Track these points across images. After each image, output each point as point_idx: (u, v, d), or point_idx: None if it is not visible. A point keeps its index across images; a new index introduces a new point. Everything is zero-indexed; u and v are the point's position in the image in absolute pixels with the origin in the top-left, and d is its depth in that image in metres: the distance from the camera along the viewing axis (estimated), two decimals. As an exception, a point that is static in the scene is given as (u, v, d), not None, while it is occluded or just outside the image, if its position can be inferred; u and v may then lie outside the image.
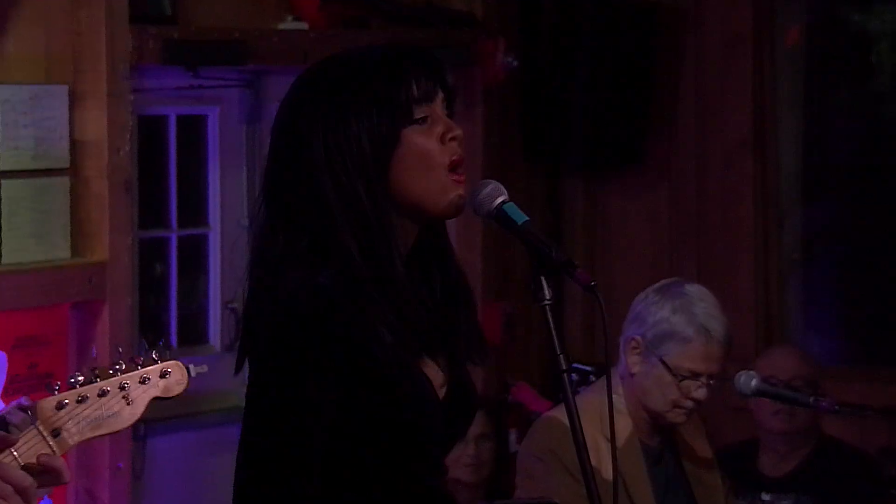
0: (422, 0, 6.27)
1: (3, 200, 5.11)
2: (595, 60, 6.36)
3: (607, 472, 3.59)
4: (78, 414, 2.49)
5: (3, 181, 5.12)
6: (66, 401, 2.48)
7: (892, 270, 6.55)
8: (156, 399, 2.52)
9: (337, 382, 2.85)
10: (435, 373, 2.97)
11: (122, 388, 2.51)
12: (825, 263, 6.70)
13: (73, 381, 2.48)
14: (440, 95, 2.95)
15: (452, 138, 2.94)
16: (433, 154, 2.92)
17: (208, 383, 5.68)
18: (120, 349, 5.03)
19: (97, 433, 2.50)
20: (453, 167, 2.94)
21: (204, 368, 3.59)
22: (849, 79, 6.65)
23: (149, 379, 2.54)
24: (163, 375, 2.55)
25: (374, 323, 2.86)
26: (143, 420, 5.61)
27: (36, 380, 5.07)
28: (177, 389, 2.56)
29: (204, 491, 4.06)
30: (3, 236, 5.12)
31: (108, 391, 2.51)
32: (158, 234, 5.87)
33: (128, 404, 2.52)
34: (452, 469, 5.57)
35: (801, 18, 6.60)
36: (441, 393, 2.97)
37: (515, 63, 6.34)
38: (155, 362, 2.54)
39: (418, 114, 2.92)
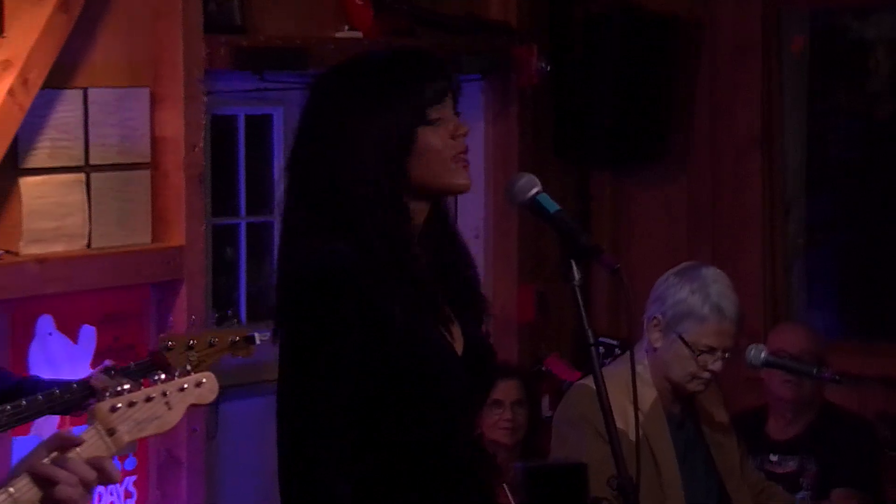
0: (463, 11, 6.27)
1: (92, 191, 5.13)
2: (619, 65, 6.35)
3: (632, 435, 3.58)
4: (129, 416, 2.53)
5: (92, 174, 5.14)
6: (119, 405, 2.52)
7: (887, 255, 6.54)
8: (192, 405, 2.58)
9: (358, 340, 2.85)
10: (453, 334, 2.97)
11: (164, 394, 2.57)
12: (826, 248, 6.70)
13: (121, 388, 2.53)
14: (446, 96, 2.97)
15: (461, 135, 2.98)
16: (444, 150, 2.95)
17: (273, 352, 5.69)
18: (193, 317, 5.08)
19: (144, 433, 2.56)
20: (459, 157, 2.97)
21: (267, 337, 3.65)
22: (848, 82, 6.63)
23: (186, 388, 2.59)
24: (198, 385, 2.60)
25: (390, 288, 2.87)
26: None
27: (120, 351, 5.10)
28: (210, 397, 2.62)
29: (269, 450, 4.09)
30: (92, 223, 5.13)
31: (153, 398, 2.56)
32: (229, 221, 5.89)
33: (169, 409, 2.57)
34: (491, 432, 5.59)
35: (804, 28, 6.59)
36: (458, 349, 2.97)
37: (547, 67, 6.34)
38: (189, 374, 2.59)
39: (432, 115, 2.95)
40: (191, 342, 3.78)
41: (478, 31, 6.22)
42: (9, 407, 3.81)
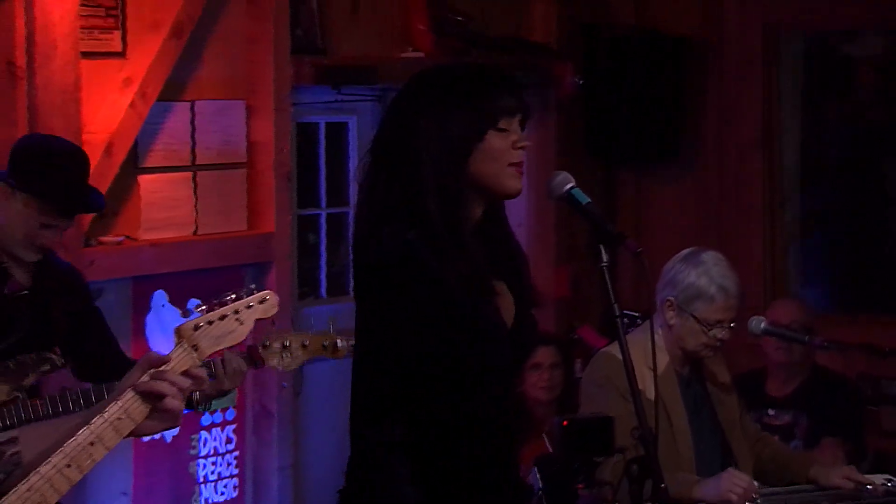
0: (510, 34, 6.27)
1: (197, 187, 5.16)
2: (640, 79, 6.34)
3: (650, 394, 3.58)
4: (208, 333, 2.55)
5: (197, 172, 5.17)
6: (200, 324, 2.54)
7: (869, 241, 6.52)
8: (259, 319, 2.60)
9: (421, 312, 2.84)
10: (505, 308, 2.96)
11: (235, 312, 2.58)
12: (818, 236, 6.67)
13: (201, 309, 2.55)
14: (519, 115, 2.96)
15: (521, 146, 2.95)
16: (504, 154, 2.92)
17: (348, 323, 5.71)
18: (274, 322, 5.04)
19: (220, 346, 2.57)
20: (515, 165, 2.94)
21: (351, 343, 3.69)
22: (837, 93, 6.60)
23: (252, 305, 2.60)
24: (262, 301, 2.61)
25: (450, 268, 2.86)
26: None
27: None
28: (272, 311, 2.63)
29: (346, 406, 4.10)
30: (197, 214, 5.17)
31: (227, 316, 2.57)
32: (312, 211, 5.90)
33: (240, 324, 2.58)
34: (532, 390, 5.60)
35: (800, 46, 6.55)
36: (509, 322, 2.96)
37: (580, 81, 6.33)
38: (253, 293, 2.61)
39: (502, 124, 2.93)
40: (286, 342, 3.72)
41: (522, 52, 6.22)
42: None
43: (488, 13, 6.17)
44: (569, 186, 3.06)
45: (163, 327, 5.07)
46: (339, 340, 3.68)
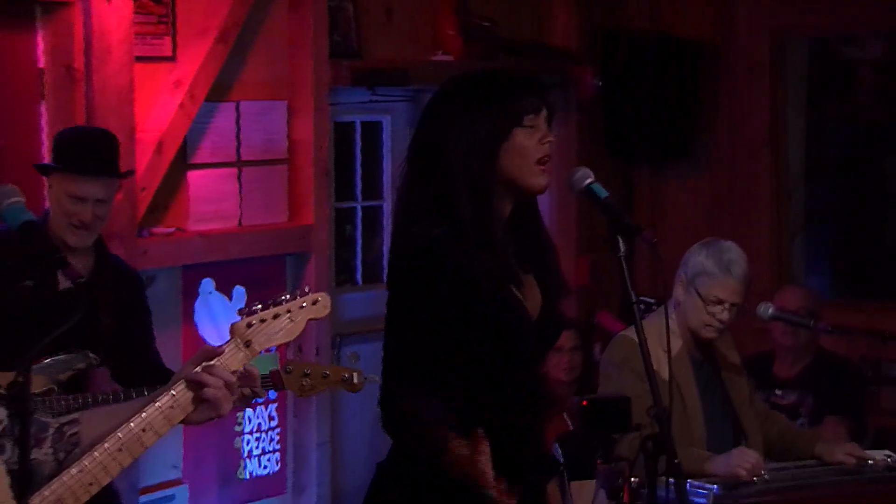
0: (533, 39, 6.25)
1: (242, 182, 5.17)
2: (655, 81, 6.31)
3: (664, 375, 3.57)
4: (261, 331, 2.52)
5: (242, 168, 5.18)
6: (253, 322, 2.51)
7: (870, 232, 6.49)
8: (311, 319, 2.57)
9: (445, 304, 2.84)
10: (531, 300, 2.95)
11: (288, 311, 2.55)
12: (822, 226, 6.65)
13: (255, 308, 2.53)
14: (544, 112, 2.95)
15: (547, 142, 2.94)
16: (530, 150, 2.92)
17: (381, 308, 5.70)
18: (300, 348, 5.07)
19: (272, 343, 2.55)
20: (542, 161, 2.93)
21: (369, 379, 3.66)
22: (839, 94, 6.58)
23: (305, 305, 2.57)
24: (314, 302, 2.58)
25: (477, 263, 2.85)
26: (338, 335, 5.70)
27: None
28: (323, 312, 2.59)
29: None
30: (242, 206, 5.17)
31: (280, 315, 2.54)
32: (348, 204, 5.89)
33: (292, 322, 2.56)
34: (553, 372, 5.59)
35: (804, 50, 6.52)
36: (535, 314, 2.96)
37: (599, 83, 6.31)
38: (308, 294, 2.58)
39: (527, 121, 2.92)
40: (307, 370, 3.63)
41: (545, 55, 6.21)
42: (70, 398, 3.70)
43: (513, 19, 6.16)
44: (588, 181, 3.05)
45: (210, 312, 5.08)
46: (355, 375, 3.66)
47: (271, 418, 5.36)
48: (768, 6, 6.38)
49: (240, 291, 5.16)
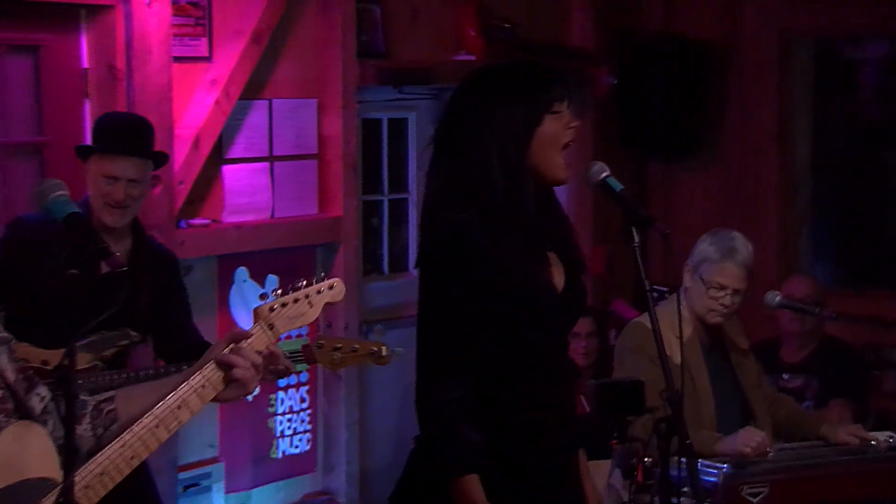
0: (550, 39, 6.24)
1: (274, 176, 5.17)
2: (668, 80, 6.29)
3: (676, 359, 3.55)
4: (282, 314, 2.55)
5: (274, 163, 5.17)
6: (275, 307, 2.54)
7: (873, 223, 6.46)
8: (327, 303, 2.60)
9: (475, 283, 2.84)
10: (556, 276, 2.96)
11: (306, 296, 2.58)
12: (827, 217, 6.63)
13: (276, 294, 2.55)
14: (568, 100, 2.95)
15: (572, 127, 2.95)
16: (559, 135, 2.92)
17: (407, 296, 5.73)
18: (329, 325, 5.04)
19: (293, 326, 2.57)
20: (567, 146, 2.93)
21: (396, 352, 3.66)
22: (843, 92, 6.55)
23: (322, 291, 2.60)
24: (330, 288, 2.61)
25: (505, 243, 2.85)
26: (365, 321, 5.69)
27: (295, 294, 5.13)
28: (339, 297, 2.63)
29: (404, 370, 4.09)
30: (274, 199, 5.18)
31: (299, 299, 2.57)
32: (375, 197, 5.90)
33: (311, 307, 2.59)
34: (571, 357, 5.57)
35: (810, 50, 6.49)
36: (559, 288, 2.96)
37: (614, 81, 6.30)
38: (323, 280, 2.61)
39: (555, 108, 2.93)
40: (338, 345, 3.67)
41: (562, 55, 6.19)
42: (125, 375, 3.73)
43: (532, 21, 6.15)
44: (604, 175, 3.04)
45: (244, 300, 5.09)
46: (383, 348, 3.66)
47: (302, 400, 5.37)
48: (776, 9, 6.36)
49: (272, 280, 5.17)
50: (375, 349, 3.65)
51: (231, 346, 2.49)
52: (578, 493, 3.04)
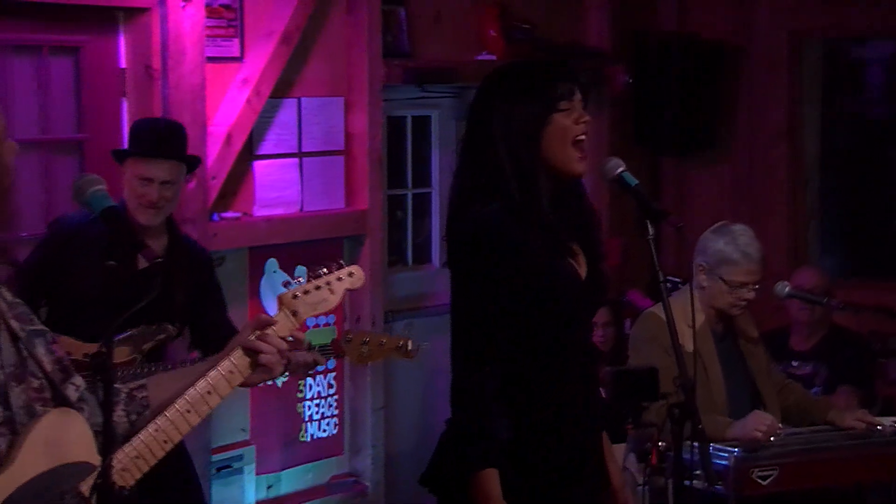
0: (568, 39, 6.22)
1: (303, 171, 5.18)
2: (681, 78, 6.27)
3: (689, 348, 3.55)
4: (305, 301, 2.55)
5: (303, 158, 5.19)
6: (297, 294, 2.54)
7: (880, 216, 6.43)
8: (347, 290, 2.59)
9: (505, 271, 2.83)
10: (579, 265, 2.95)
11: (327, 284, 2.58)
12: (835, 211, 6.61)
13: (298, 282, 2.55)
14: (578, 95, 2.93)
15: (583, 121, 2.92)
16: (568, 130, 2.90)
17: (430, 286, 5.73)
18: (359, 318, 5.02)
19: (314, 312, 2.57)
20: (578, 141, 2.91)
21: (423, 346, 3.65)
22: (851, 90, 6.53)
23: (342, 278, 2.60)
24: (350, 275, 2.61)
25: (529, 234, 2.85)
26: (390, 311, 5.68)
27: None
28: (358, 284, 2.62)
29: (427, 358, 4.08)
30: (303, 193, 5.19)
31: (320, 287, 2.57)
32: (399, 192, 5.88)
33: (332, 293, 2.58)
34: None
35: (819, 50, 6.47)
36: (582, 276, 2.95)
37: (630, 80, 6.28)
38: (343, 267, 2.60)
39: (562, 106, 2.90)
40: (366, 339, 3.65)
41: (580, 55, 6.17)
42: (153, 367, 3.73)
43: (550, 21, 6.14)
44: (620, 170, 3.04)
45: (274, 290, 5.09)
46: (409, 343, 3.64)
47: (330, 386, 5.38)
48: (786, 11, 6.34)
49: (301, 271, 5.17)
50: (402, 343, 3.64)
51: (257, 332, 2.49)
52: (603, 473, 3.03)
